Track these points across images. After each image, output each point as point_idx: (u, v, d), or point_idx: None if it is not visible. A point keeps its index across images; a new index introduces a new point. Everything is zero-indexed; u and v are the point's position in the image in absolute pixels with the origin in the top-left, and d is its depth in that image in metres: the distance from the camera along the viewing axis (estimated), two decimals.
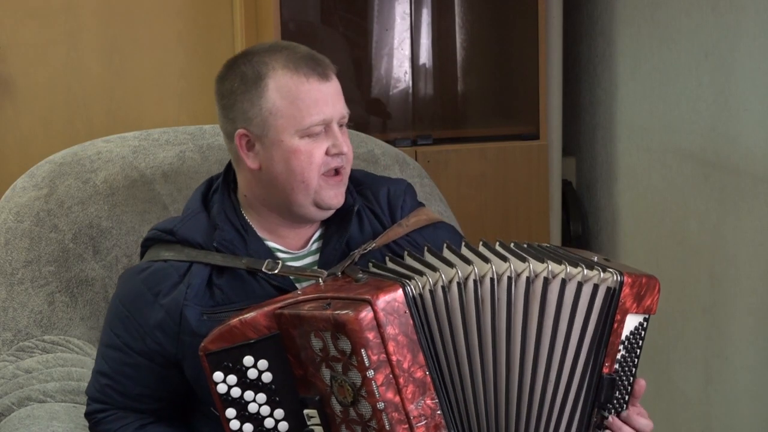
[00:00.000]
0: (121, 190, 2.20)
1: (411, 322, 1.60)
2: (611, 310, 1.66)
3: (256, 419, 1.67)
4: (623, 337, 1.68)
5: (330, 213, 1.85)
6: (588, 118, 3.57)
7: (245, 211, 1.86)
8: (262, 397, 1.67)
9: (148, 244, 1.88)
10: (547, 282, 1.64)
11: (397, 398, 1.57)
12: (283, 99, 1.78)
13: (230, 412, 1.67)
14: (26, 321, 2.12)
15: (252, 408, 1.67)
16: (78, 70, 3.59)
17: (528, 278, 1.64)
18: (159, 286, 1.79)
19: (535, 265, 1.65)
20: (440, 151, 3.34)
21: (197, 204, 1.87)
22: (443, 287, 1.63)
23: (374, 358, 1.56)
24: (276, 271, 1.77)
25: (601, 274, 1.66)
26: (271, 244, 1.86)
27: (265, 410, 1.67)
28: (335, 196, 1.82)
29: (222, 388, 1.67)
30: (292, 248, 1.87)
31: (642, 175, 3.23)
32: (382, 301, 1.58)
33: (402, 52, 3.47)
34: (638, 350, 1.72)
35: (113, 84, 3.62)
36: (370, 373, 1.56)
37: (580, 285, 1.65)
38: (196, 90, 3.61)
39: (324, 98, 1.79)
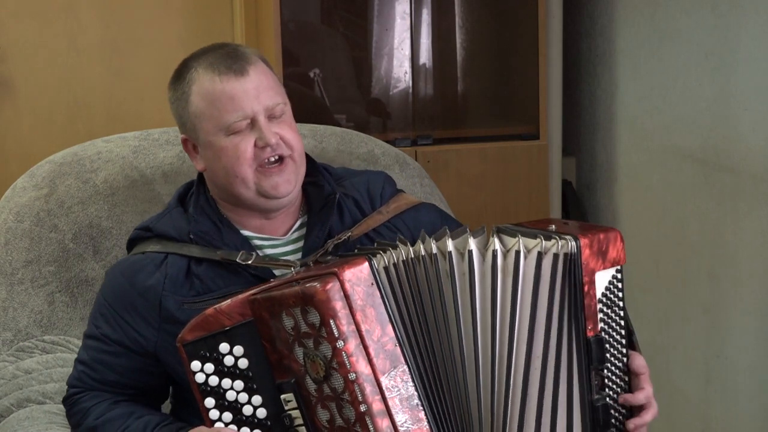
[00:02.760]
0: (121, 190, 2.20)
1: (378, 293, 1.62)
2: (576, 274, 1.66)
3: (235, 407, 1.69)
4: (599, 296, 1.69)
5: (287, 201, 1.86)
6: (588, 118, 3.57)
7: (220, 206, 1.90)
8: (239, 384, 1.69)
9: (132, 244, 1.93)
10: (518, 256, 1.64)
11: (368, 369, 1.59)
12: (203, 101, 1.82)
13: (209, 402, 1.69)
14: (26, 321, 2.12)
15: (230, 396, 1.69)
16: (78, 70, 3.59)
17: (494, 252, 1.64)
18: (136, 276, 1.84)
19: (505, 240, 1.66)
20: (440, 151, 3.34)
21: (174, 201, 1.93)
22: (404, 261, 1.65)
23: (343, 328, 1.59)
24: (250, 262, 1.80)
25: (559, 242, 1.65)
26: (247, 233, 1.88)
27: (243, 397, 1.69)
28: (277, 185, 1.82)
29: (200, 378, 1.69)
30: (273, 234, 1.89)
31: (642, 175, 3.23)
32: (349, 272, 1.61)
33: (402, 52, 3.47)
34: (621, 302, 1.72)
35: (113, 84, 3.62)
36: (340, 343, 1.58)
37: (540, 256, 1.65)
38: None
39: (241, 94, 1.80)
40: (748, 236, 2.70)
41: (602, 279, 1.70)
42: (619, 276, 1.72)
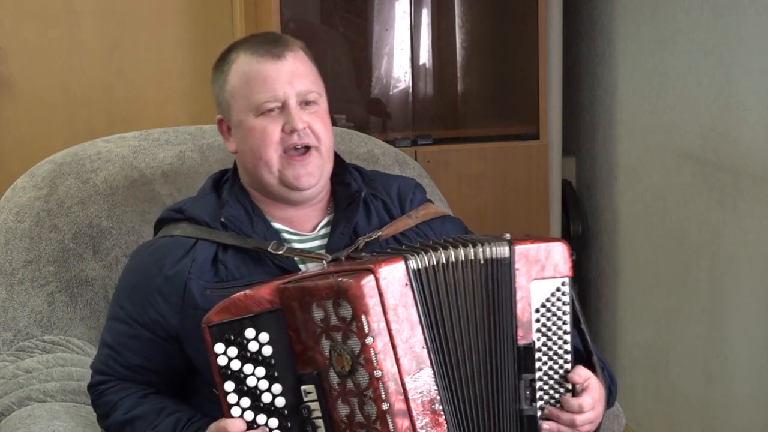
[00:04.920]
0: (121, 190, 2.20)
1: (411, 294, 1.63)
2: (504, 281, 1.69)
3: (254, 393, 1.69)
4: (538, 305, 1.70)
5: (309, 195, 1.87)
6: (588, 118, 3.57)
7: (252, 196, 1.91)
8: (261, 371, 1.69)
9: (160, 224, 1.93)
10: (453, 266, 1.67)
11: (395, 368, 1.60)
12: (239, 81, 1.85)
13: (228, 386, 1.69)
14: (26, 321, 2.12)
15: (250, 382, 1.68)
16: (78, 70, 3.60)
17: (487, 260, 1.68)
18: (164, 258, 1.84)
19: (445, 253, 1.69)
20: (440, 151, 3.34)
21: (208, 187, 1.94)
22: (434, 266, 1.66)
23: (374, 325, 1.59)
24: (281, 252, 1.81)
25: (489, 248, 1.68)
26: (278, 225, 1.89)
27: (263, 384, 1.69)
28: (299, 176, 1.84)
29: (222, 360, 1.68)
30: (300, 230, 1.90)
31: (642, 175, 3.24)
32: (384, 270, 1.61)
33: (402, 52, 3.47)
34: (567, 317, 1.72)
35: (113, 84, 3.62)
36: (369, 339, 1.59)
37: (471, 264, 1.68)
38: (196, 90, 3.61)
39: (275, 77, 1.83)
40: (748, 236, 2.70)
41: (541, 289, 1.71)
42: (565, 289, 1.73)
